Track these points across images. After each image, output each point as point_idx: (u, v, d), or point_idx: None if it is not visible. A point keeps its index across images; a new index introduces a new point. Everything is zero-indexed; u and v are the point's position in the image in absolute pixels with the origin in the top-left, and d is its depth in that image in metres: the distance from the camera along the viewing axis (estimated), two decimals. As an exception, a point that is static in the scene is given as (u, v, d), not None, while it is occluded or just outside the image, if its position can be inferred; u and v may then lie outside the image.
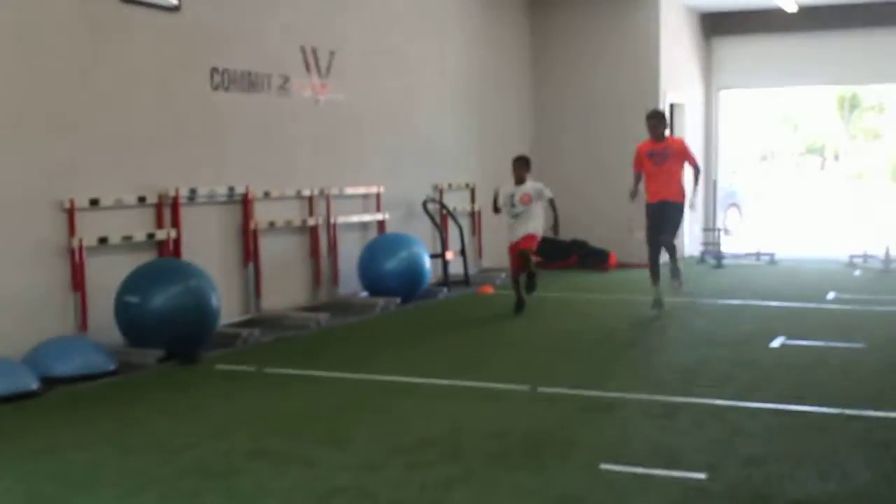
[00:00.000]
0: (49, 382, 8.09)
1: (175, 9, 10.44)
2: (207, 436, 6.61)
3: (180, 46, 10.52)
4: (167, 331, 8.94)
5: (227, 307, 10.28)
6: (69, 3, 9.31)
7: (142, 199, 9.98)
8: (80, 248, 9.21)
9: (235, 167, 11.11)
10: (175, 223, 10.21)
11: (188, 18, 10.55)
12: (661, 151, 11.49)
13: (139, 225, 9.94)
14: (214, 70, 10.96)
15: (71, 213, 9.18)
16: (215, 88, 10.99)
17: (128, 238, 9.74)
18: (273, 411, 7.28)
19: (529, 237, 11.84)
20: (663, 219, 11.49)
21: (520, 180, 11.83)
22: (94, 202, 9.41)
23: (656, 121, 11.69)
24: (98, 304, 9.30)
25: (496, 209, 12.17)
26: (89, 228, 9.35)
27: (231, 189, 10.99)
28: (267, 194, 11.49)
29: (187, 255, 10.13)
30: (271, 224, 11.55)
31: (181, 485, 5.58)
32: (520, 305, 11.99)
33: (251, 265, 11.25)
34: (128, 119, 9.85)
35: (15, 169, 8.74)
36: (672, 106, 17.86)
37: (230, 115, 11.10)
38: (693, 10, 18.76)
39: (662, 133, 11.63)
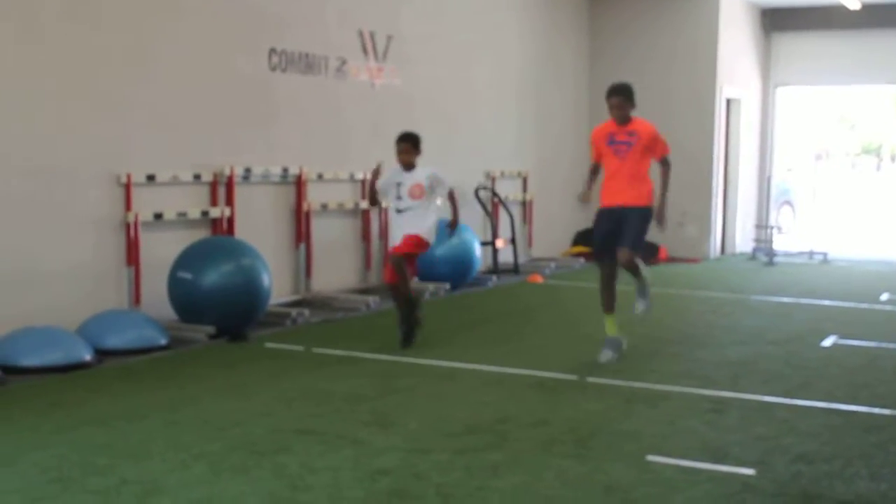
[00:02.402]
0: (102, 354, 8.22)
1: (224, -10, 10.50)
2: (255, 413, 6.67)
3: (239, 26, 10.58)
4: (218, 308, 9.03)
5: (278, 287, 10.36)
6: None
7: (197, 177, 10.07)
8: (136, 223, 9.32)
9: (290, 148, 11.17)
10: (229, 201, 10.30)
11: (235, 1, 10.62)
12: (624, 138, 8.52)
13: (194, 202, 10.03)
14: (272, 51, 11.03)
15: (128, 187, 9.29)
16: (273, 69, 11.05)
17: (182, 214, 9.84)
18: (320, 391, 7.33)
19: (409, 238, 8.94)
20: (619, 230, 8.41)
21: (408, 165, 9.11)
22: (150, 178, 9.50)
23: (621, 98, 8.55)
24: (152, 278, 9.40)
25: (372, 201, 9.61)
26: (145, 204, 9.46)
27: (285, 170, 11.06)
28: (320, 176, 11.55)
29: (240, 233, 10.22)
30: (324, 206, 11.60)
31: (229, 460, 5.63)
32: (405, 334, 8.99)
33: (302, 246, 11.32)
34: (186, 98, 9.93)
35: (74, 143, 8.85)
36: (728, 101, 17.74)
37: (286, 96, 11.16)
38: (754, 5, 18.58)
39: (628, 114, 8.56)
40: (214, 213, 10.15)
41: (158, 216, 9.55)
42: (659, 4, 17.21)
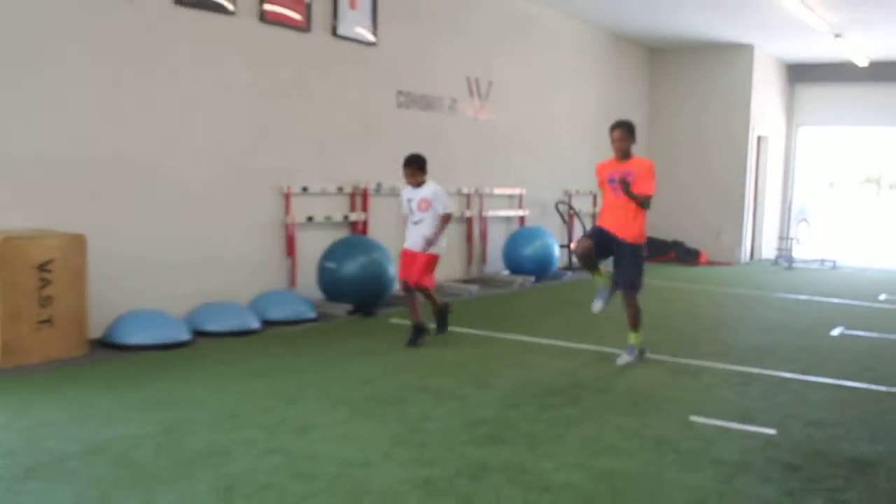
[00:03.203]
0: (267, 323, 8.40)
1: (373, 44, 10.63)
2: (383, 372, 6.76)
3: (375, 73, 10.72)
4: (355, 290, 9.16)
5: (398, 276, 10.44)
6: (295, 38, 9.58)
7: (340, 189, 10.22)
8: (293, 224, 9.50)
9: (412, 168, 11.28)
10: (364, 209, 10.42)
11: (382, 51, 10.75)
12: (622, 176, 7.07)
13: (337, 208, 10.18)
14: (399, 92, 11.14)
15: (287, 197, 9.48)
16: (399, 106, 11.16)
17: (328, 218, 9.99)
18: (433, 357, 7.40)
19: (419, 263, 7.94)
20: (615, 259, 7.29)
21: (417, 185, 8.07)
22: (304, 189, 9.68)
23: (623, 131, 7.23)
24: (304, 267, 9.58)
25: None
26: (300, 209, 9.64)
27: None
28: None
29: (372, 233, 10.34)
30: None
31: (364, 407, 5.73)
32: (416, 332, 7.88)
33: (419, 244, 11.41)
34: (333, 128, 10.10)
35: (251, 164, 9.08)
36: (759, 138, 17.47)
37: (410, 127, 11.27)
38: (781, 61, 18.27)
39: (628, 149, 7.23)
40: (353, 217, 10.29)
41: (310, 219, 9.71)
42: (705, 58, 17.02)
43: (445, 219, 8.01)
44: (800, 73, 18.67)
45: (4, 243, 6.53)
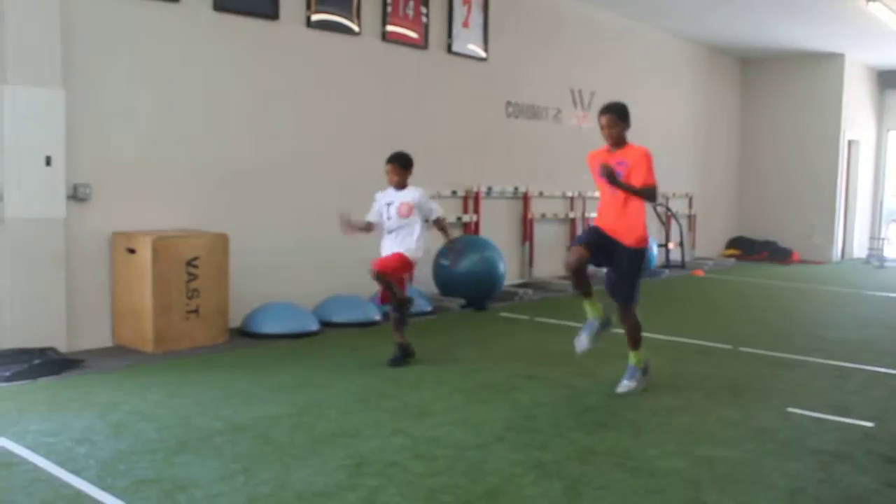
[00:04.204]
0: (387, 316, 8.37)
1: (484, 59, 10.62)
2: (495, 361, 6.73)
3: (486, 85, 10.69)
4: (468, 286, 9.14)
5: (509, 272, 10.37)
6: (414, 56, 9.64)
7: (454, 192, 10.23)
8: (412, 224, 9.54)
9: (519, 173, 11.22)
10: (476, 210, 10.42)
11: (492, 65, 10.73)
12: (615, 168, 5.61)
13: (452, 210, 10.19)
14: (508, 103, 11.10)
15: (407, 199, 9.53)
16: (508, 116, 11.12)
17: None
18: (541, 348, 7.34)
19: (393, 257, 6.58)
20: (612, 267, 5.83)
21: (398, 186, 6.71)
22: (432, 196, 9.71)
23: (611, 116, 5.77)
24: (421, 264, 9.54)
25: (366, 229, 6.85)
26: (418, 211, 9.68)
27: (515, 188, 11.11)
28: (541, 193, 11.55)
29: (484, 233, 10.32)
30: (542, 215, 11.59)
31: (477, 394, 5.71)
32: (401, 352, 6.58)
33: (527, 244, 11.35)
34: (448, 137, 10.12)
35: (377, 171, 9.13)
36: (850, 142, 16.80)
37: (518, 135, 11.21)
38: (871, 68, 17.49)
39: (620, 135, 5.76)
40: (466, 218, 10.29)
41: (426, 220, 9.74)
42: (797, 67, 16.44)
43: (443, 221, 6.84)
44: (890, 79, 17.82)
45: (158, 242, 6.74)
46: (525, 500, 3.83)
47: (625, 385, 5.84)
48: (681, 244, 14.34)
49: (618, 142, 5.76)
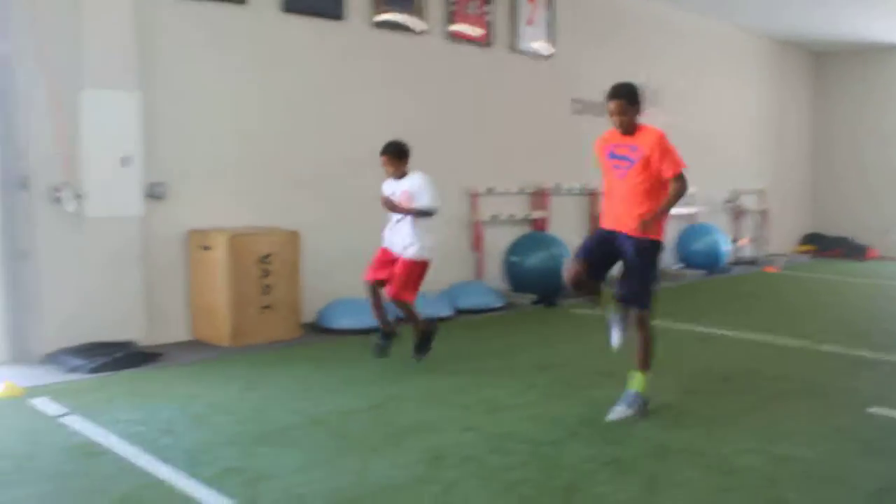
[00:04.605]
0: (458, 311, 8.51)
1: (548, 56, 10.61)
2: (567, 358, 6.73)
3: (551, 82, 10.68)
4: (537, 282, 9.15)
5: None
6: (478, 54, 9.69)
7: (521, 189, 10.25)
8: (479, 221, 9.59)
9: (586, 169, 11.14)
10: (544, 207, 10.41)
11: (557, 62, 10.71)
12: (625, 152, 5.06)
13: (520, 207, 10.22)
14: (574, 100, 11.06)
15: (474, 197, 9.59)
16: (574, 113, 11.09)
17: (511, 216, 10.04)
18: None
19: (403, 266, 6.27)
20: (622, 268, 5.21)
21: (397, 175, 6.32)
22: (489, 190, 9.77)
23: (620, 102, 4.98)
24: (490, 260, 9.67)
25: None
26: (486, 208, 9.73)
27: (583, 186, 11.08)
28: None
29: (552, 230, 10.31)
30: (610, 212, 11.55)
31: (551, 389, 5.73)
32: (383, 339, 6.49)
33: (595, 240, 11.31)
34: (514, 134, 10.13)
35: (444, 168, 9.21)
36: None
37: (584, 132, 11.07)
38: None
39: (632, 120, 5.03)
40: (535, 215, 10.30)
41: (495, 217, 9.79)
42: (870, 60, 16.03)
43: (420, 213, 6.20)
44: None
45: (233, 239, 6.89)
46: (602, 496, 3.84)
47: (618, 411, 5.07)
48: (753, 240, 14.15)
49: (629, 128, 5.07)
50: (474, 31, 9.66)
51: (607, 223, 5.20)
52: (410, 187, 6.20)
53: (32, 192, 6.42)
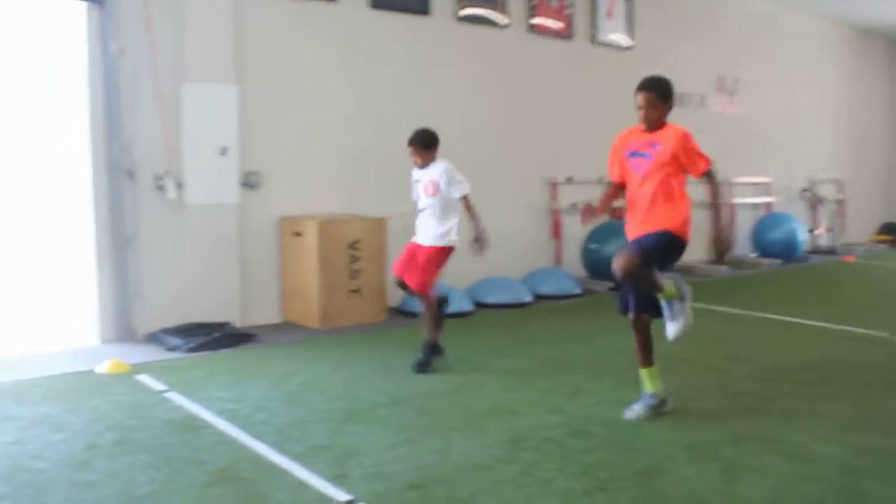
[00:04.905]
0: (538, 297, 8.47)
1: (629, 48, 10.45)
2: (644, 344, 6.64)
3: (630, 74, 10.41)
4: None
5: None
6: (559, 46, 9.61)
7: (600, 179, 10.10)
8: (559, 209, 9.52)
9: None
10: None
11: (637, 54, 10.52)
12: (646, 149, 4.63)
13: (597, 195, 10.08)
14: (654, 90, 10.88)
15: (554, 186, 9.51)
16: (654, 103, 10.91)
17: (589, 204, 9.89)
18: (690, 332, 7.17)
19: (421, 258, 5.82)
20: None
21: (426, 164, 5.92)
22: (568, 179, 9.68)
23: (650, 94, 4.59)
24: (569, 247, 9.59)
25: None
26: (565, 197, 9.64)
27: (661, 175, 10.90)
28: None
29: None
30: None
31: (628, 374, 5.60)
32: (427, 353, 5.75)
33: (672, 229, 11.13)
34: (593, 125, 9.99)
35: (525, 158, 9.20)
36: None
37: (664, 122, 10.99)
38: None
39: (659, 118, 4.63)
40: (614, 204, 10.15)
41: (573, 205, 9.70)
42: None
43: (466, 202, 5.87)
44: None
45: (323, 225, 6.98)
46: (681, 480, 3.77)
47: (633, 410, 4.71)
48: (829, 230, 13.74)
49: (655, 124, 4.62)
50: (555, 24, 9.58)
51: (629, 235, 4.73)
52: (437, 176, 5.84)
53: (137, 182, 6.61)
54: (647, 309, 4.74)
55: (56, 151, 7.35)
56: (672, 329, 4.77)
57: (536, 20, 9.37)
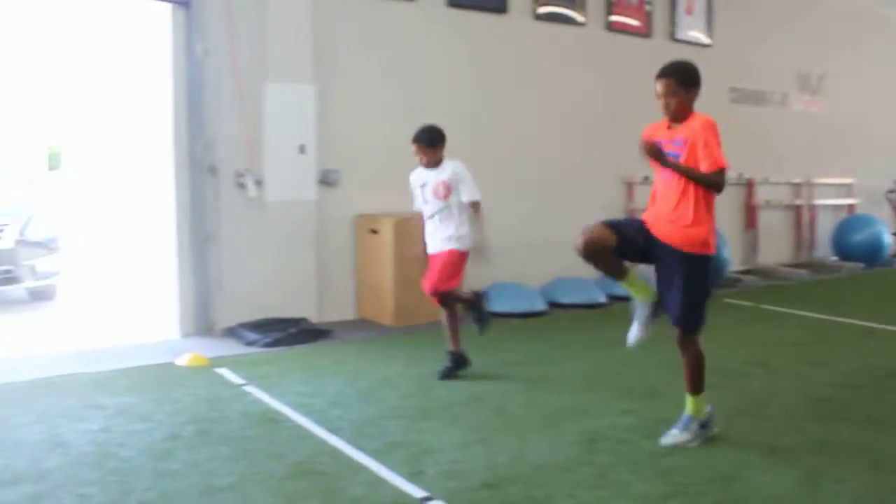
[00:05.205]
0: (611, 298, 8.18)
1: (707, 45, 10.27)
2: (720, 347, 6.41)
3: (709, 71, 10.17)
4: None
5: (733, 259, 10.02)
6: (637, 44, 9.50)
7: (676, 179, 9.98)
8: (634, 209, 9.38)
9: (743, 159, 10.71)
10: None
11: (716, 51, 10.33)
12: (670, 147, 4.12)
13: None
14: (732, 88, 10.67)
15: (630, 186, 9.41)
16: (732, 102, 10.70)
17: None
18: (768, 336, 7.01)
19: (439, 262, 5.39)
20: (661, 277, 4.28)
21: (432, 164, 5.43)
22: (645, 178, 9.54)
23: (670, 81, 4.24)
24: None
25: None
26: (642, 197, 9.52)
27: (740, 175, 10.66)
28: (765, 180, 11.03)
29: (707, 219, 10.01)
30: (767, 202, 11.07)
31: (707, 379, 5.53)
32: (452, 363, 5.51)
33: (751, 231, 10.89)
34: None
35: (600, 158, 9.12)
36: None
37: (741, 121, 10.72)
38: None
39: (683, 107, 4.19)
40: (689, 204, 10.02)
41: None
42: None
43: (477, 208, 5.38)
44: None
45: (399, 224, 7.03)
46: (760, 487, 3.69)
47: (671, 435, 4.24)
48: (916, 232, 13.25)
49: (678, 115, 4.16)
50: (633, 21, 9.48)
51: (649, 219, 4.23)
52: (449, 176, 5.33)
53: (219, 179, 6.75)
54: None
55: (142, 149, 7.56)
56: (636, 331, 4.47)
57: (614, 17, 9.28)
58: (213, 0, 6.66)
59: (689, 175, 4.01)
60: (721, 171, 3.99)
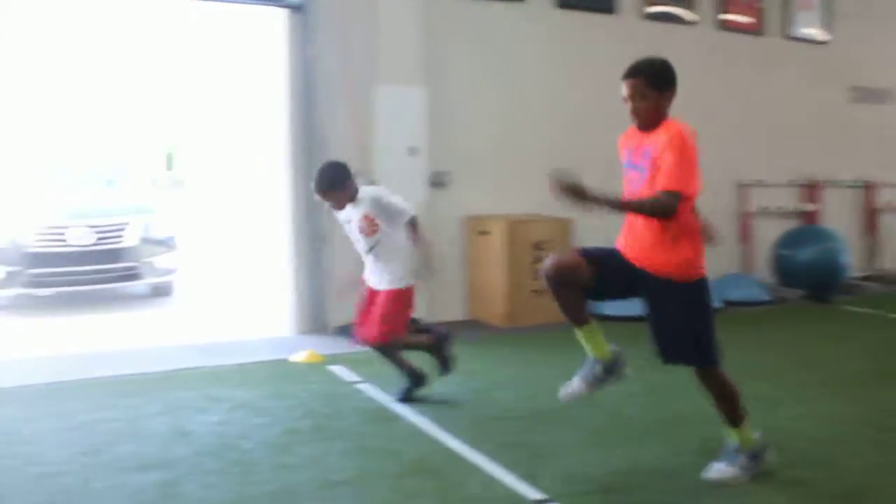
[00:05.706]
0: (727, 303, 8.13)
1: (824, 43, 9.91)
2: (842, 355, 6.25)
3: (826, 70, 9.94)
4: (808, 276, 8.56)
5: (854, 264, 9.62)
6: (749, 42, 9.24)
7: (791, 181, 9.66)
8: (748, 213, 9.15)
9: (863, 161, 10.31)
10: (816, 200, 9.74)
11: (833, 49, 9.95)
12: (638, 160, 3.55)
13: (789, 199, 9.63)
14: (852, 87, 10.26)
15: (742, 188, 9.15)
16: (852, 101, 10.28)
17: (780, 208, 9.48)
18: (892, 344, 6.73)
19: (382, 301, 4.80)
20: (652, 309, 3.63)
21: (343, 203, 4.79)
22: (758, 181, 9.28)
23: (638, 80, 3.57)
24: (758, 252, 9.19)
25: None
26: (754, 200, 9.26)
27: (858, 177, 10.25)
28: (889, 182, 10.56)
29: (824, 223, 9.63)
30: (888, 203, 10.61)
31: (829, 387, 5.31)
32: (411, 380, 4.98)
33: (872, 235, 10.44)
34: (784, 124, 9.55)
35: (712, 158, 8.85)
36: None
37: (863, 122, 10.32)
38: None
39: (651, 110, 3.56)
40: (806, 207, 9.66)
41: (763, 209, 9.29)
42: None
43: (414, 226, 4.81)
44: None
45: (510, 226, 7.02)
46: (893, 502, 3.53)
47: (717, 470, 3.73)
48: None
49: (648, 122, 3.55)
50: (745, 19, 9.22)
51: (623, 246, 3.66)
52: (368, 209, 4.74)
53: (332, 180, 6.86)
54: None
55: (258, 151, 7.76)
56: (575, 386, 3.75)
57: (726, 16, 9.05)
58: (325, 4, 6.79)
59: (628, 209, 3.48)
60: (670, 194, 3.31)
